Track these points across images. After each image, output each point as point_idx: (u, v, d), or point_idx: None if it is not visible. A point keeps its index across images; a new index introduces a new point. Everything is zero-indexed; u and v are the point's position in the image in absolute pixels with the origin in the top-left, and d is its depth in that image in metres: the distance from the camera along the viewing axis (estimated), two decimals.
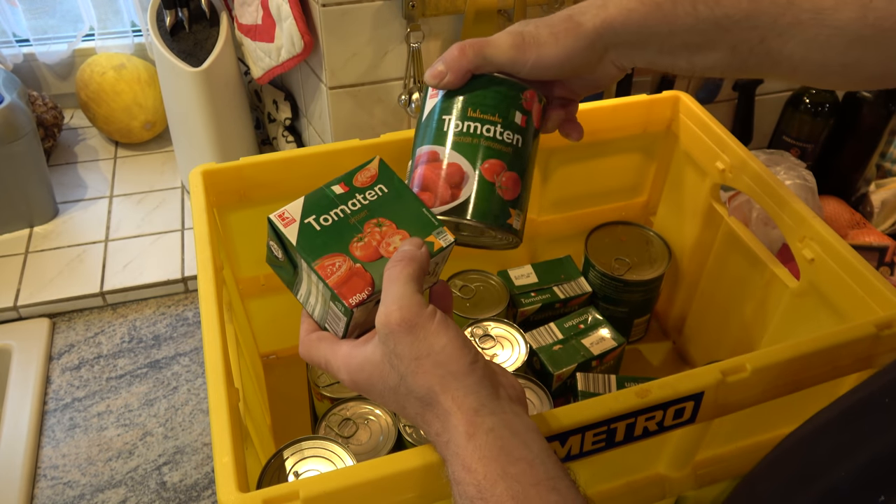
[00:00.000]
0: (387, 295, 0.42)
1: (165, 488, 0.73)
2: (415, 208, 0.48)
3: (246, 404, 0.55)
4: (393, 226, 0.47)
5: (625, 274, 0.78)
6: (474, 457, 0.37)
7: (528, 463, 0.37)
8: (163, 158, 1.14)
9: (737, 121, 1.11)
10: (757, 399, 0.53)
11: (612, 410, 0.48)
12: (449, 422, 0.39)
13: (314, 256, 0.45)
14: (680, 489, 0.62)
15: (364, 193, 0.48)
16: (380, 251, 0.46)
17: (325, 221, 0.46)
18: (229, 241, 0.71)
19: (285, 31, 0.86)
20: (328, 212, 0.47)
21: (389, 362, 0.41)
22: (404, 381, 0.40)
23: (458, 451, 0.38)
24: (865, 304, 0.58)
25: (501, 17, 0.88)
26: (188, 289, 0.94)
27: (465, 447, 0.37)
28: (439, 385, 0.39)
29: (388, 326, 0.40)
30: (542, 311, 0.77)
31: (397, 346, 0.40)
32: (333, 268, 0.45)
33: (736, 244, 0.73)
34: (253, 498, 0.42)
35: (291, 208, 0.47)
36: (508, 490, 0.36)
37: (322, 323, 0.48)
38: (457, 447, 0.38)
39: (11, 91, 0.96)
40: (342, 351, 0.44)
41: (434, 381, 0.39)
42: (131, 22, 1.16)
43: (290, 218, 0.46)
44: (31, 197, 0.98)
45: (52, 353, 0.86)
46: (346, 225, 0.46)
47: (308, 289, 0.47)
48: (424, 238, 0.46)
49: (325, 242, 0.45)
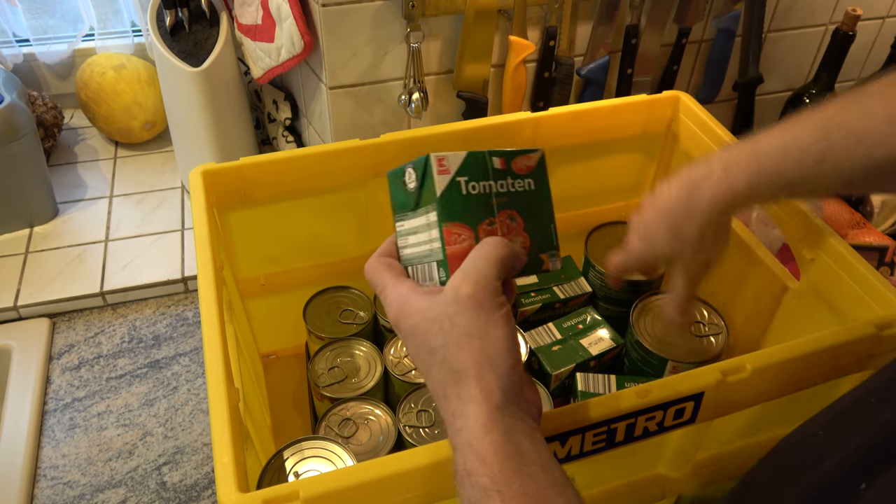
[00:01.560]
0: (469, 265, 0.41)
1: (165, 488, 0.73)
2: (546, 220, 0.47)
3: (246, 404, 0.55)
4: (521, 225, 0.46)
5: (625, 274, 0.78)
6: (490, 450, 0.37)
7: (541, 467, 0.37)
8: (163, 158, 1.14)
9: (737, 121, 1.11)
10: (757, 399, 0.53)
11: (612, 410, 0.48)
12: (468, 408, 0.38)
13: (447, 217, 0.44)
14: (680, 489, 0.62)
15: (515, 181, 0.46)
16: None
17: (472, 189, 0.44)
18: (229, 241, 0.71)
19: (285, 31, 0.86)
20: (479, 181, 0.45)
21: (441, 325, 0.40)
22: (446, 348, 0.40)
23: (472, 442, 0.37)
24: (865, 304, 0.58)
25: (501, 18, 0.88)
26: (188, 289, 0.94)
27: (482, 440, 0.37)
28: (476, 368, 0.39)
29: (457, 293, 0.40)
30: (542, 311, 0.77)
31: (457, 315, 0.40)
32: (458, 238, 0.43)
33: (736, 244, 0.73)
34: (253, 498, 0.42)
35: (452, 158, 0.44)
36: (523, 486, 0.36)
37: (406, 263, 0.47)
38: (472, 437, 0.37)
39: (11, 91, 0.96)
40: (404, 288, 0.43)
41: (472, 363, 0.39)
42: (131, 22, 1.16)
43: (446, 168, 0.44)
44: (31, 197, 0.98)
45: (52, 353, 0.86)
46: (486, 202, 0.45)
47: (417, 231, 0.46)
48: (538, 253, 0.46)
49: (462, 210, 0.44)
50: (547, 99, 0.96)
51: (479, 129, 0.72)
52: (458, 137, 0.70)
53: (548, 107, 0.79)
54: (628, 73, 0.98)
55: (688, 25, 0.98)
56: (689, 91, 1.07)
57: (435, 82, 0.90)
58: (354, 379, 0.69)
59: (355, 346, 0.71)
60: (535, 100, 0.96)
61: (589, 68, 0.95)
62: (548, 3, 0.88)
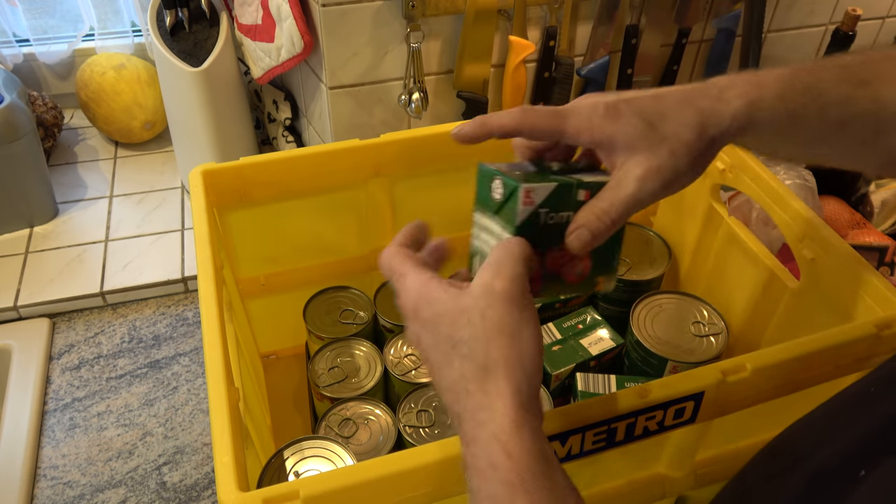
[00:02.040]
0: (499, 264, 0.40)
1: (165, 488, 0.73)
2: (613, 244, 0.46)
3: (246, 404, 0.55)
4: (588, 256, 0.46)
5: (625, 274, 0.78)
6: (520, 448, 0.36)
7: (563, 474, 0.37)
8: (163, 158, 1.14)
9: None
10: (757, 399, 0.53)
11: (612, 410, 0.48)
12: (496, 403, 0.37)
13: None
14: (680, 489, 0.62)
15: None
16: (560, 271, 0.45)
17: (550, 220, 0.44)
18: (229, 241, 0.71)
19: (285, 31, 0.86)
20: (560, 213, 0.44)
21: (470, 317, 0.39)
22: (475, 342, 0.38)
23: (500, 437, 0.36)
24: (865, 303, 0.58)
25: (501, 18, 0.88)
26: (188, 289, 0.94)
27: (511, 435, 0.36)
28: (505, 364, 0.37)
29: (490, 288, 0.39)
30: (541, 311, 0.76)
31: (489, 309, 0.38)
32: None
33: (736, 244, 0.73)
34: (253, 498, 0.42)
35: (539, 191, 0.43)
36: (552, 491, 0.35)
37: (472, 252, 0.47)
38: (500, 431, 0.36)
39: (11, 91, 0.96)
40: (426, 276, 0.42)
41: (502, 359, 0.37)
42: (131, 22, 1.16)
43: (531, 200, 0.43)
44: (31, 197, 0.98)
45: (52, 353, 0.86)
46: (559, 233, 0.44)
47: (490, 231, 0.46)
48: (596, 275, 0.46)
49: (536, 237, 0.44)
50: (547, 99, 0.96)
51: None
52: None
53: None
54: (628, 74, 0.98)
55: (688, 25, 0.98)
56: None
57: (435, 82, 0.90)
58: (354, 379, 0.69)
59: (355, 346, 0.71)
60: (536, 100, 0.96)
61: (589, 68, 0.95)
62: (548, 3, 0.88)
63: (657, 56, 0.99)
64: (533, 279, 0.44)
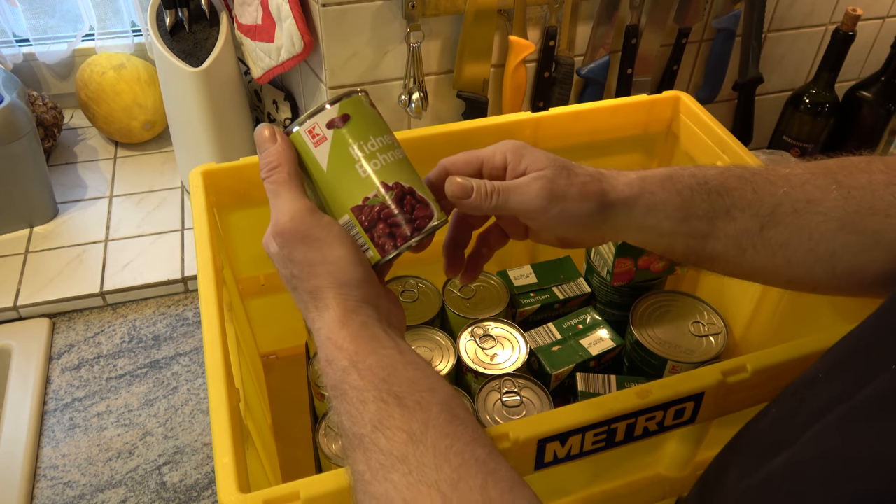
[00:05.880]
0: (274, 206, 0.44)
1: (165, 488, 0.73)
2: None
3: (246, 404, 0.55)
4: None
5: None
6: (346, 339, 0.41)
7: (398, 350, 0.42)
8: (163, 158, 1.14)
9: (737, 121, 1.11)
10: (757, 399, 0.53)
11: (612, 410, 0.48)
12: (326, 313, 0.42)
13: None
14: (680, 489, 0.62)
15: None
16: None
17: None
18: (229, 241, 0.71)
19: (285, 31, 0.86)
20: None
21: (282, 262, 0.44)
22: (297, 278, 0.44)
23: (330, 336, 0.42)
24: (865, 303, 0.58)
25: (501, 18, 0.88)
26: (188, 289, 0.94)
27: (338, 332, 0.41)
28: (328, 286, 0.43)
29: (283, 236, 0.43)
30: (541, 311, 0.77)
31: (292, 252, 0.43)
32: None
33: None
34: (253, 498, 0.42)
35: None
36: (380, 362, 0.40)
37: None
38: (329, 332, 0.42)
39: (11, 91, 0.96)
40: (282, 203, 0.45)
41: (324, 283, 0.43)
42: (131, 22, 1.16)
43: None
44: (31, 197, 0.98)
45: (52, 353, 0.86)
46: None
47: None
48: None
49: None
50: (547, 99, 0.96)
51: (479, 130, 0.72)
52: (458, 137, 0.70)
53: (548, 107, 0.79)
54: (628, 73, 0.98)
55: (688, 25, 0.98)
56: (689, 91, 1.07)
57: (435, 82, 0.90)
58: None
59: None
60: (535, 100, 0.96)
61: (589, 68, 0.95)
62: (548, 3, 0.88)
63: (657, 56, 0.99)
64: None
